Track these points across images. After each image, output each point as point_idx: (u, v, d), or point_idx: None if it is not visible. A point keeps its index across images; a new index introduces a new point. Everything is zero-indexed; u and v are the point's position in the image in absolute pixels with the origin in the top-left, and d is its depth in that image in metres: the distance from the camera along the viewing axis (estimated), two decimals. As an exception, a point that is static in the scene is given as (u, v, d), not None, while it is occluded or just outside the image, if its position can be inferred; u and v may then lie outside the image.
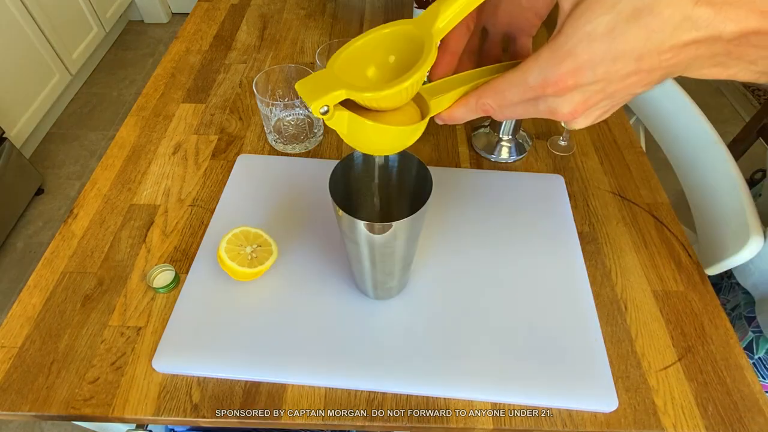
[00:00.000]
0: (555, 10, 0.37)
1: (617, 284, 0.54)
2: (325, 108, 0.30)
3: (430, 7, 0.31)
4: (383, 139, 0.33)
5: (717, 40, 0.22)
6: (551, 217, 0.59)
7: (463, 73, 0.34)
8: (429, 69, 0.30)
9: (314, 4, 0.97)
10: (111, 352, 0.48)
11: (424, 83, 0.33)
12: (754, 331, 0.61)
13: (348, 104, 0.31)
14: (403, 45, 0.31)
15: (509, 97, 0.29)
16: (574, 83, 0.25)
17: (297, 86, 0.30)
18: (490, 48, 0.41)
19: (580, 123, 0.28)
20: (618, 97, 0.26)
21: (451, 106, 0.33)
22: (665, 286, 0.54)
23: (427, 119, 0.32)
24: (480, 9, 0.31)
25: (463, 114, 0.32)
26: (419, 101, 0.33)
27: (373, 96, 0.29)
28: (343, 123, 0.31)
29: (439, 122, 0.34)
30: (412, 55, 0.30)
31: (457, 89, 0.32)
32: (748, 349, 0.62)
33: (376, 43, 0.32)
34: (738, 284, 0.64)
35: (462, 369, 0.46)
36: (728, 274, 0.71)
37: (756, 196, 0.66)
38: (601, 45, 0.23)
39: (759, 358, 0.61)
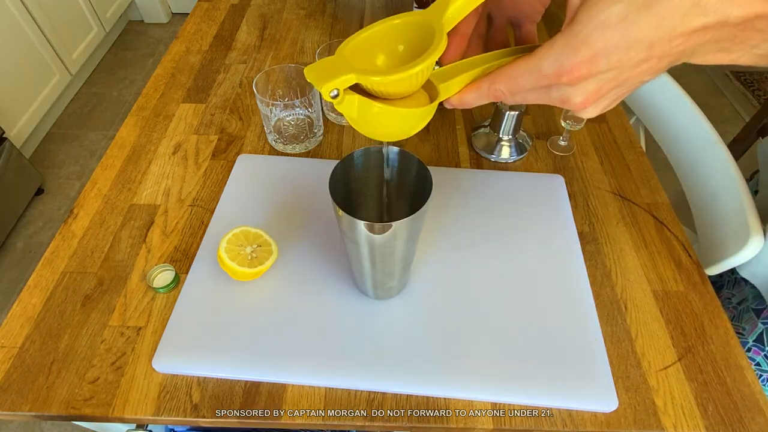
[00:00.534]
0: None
1: (617, 284, 0.54)
2: (335, 91, 0.30)
3: None
4: (392, 122, 0.32)
5: (724, 25, 0.22)
6: (551, 217, 0.59)
7: (471, 57, 0.33)
8: (439, 56, 0.30)
9: (314, 4, 0.97)
10: (111, 352, 0.48)
11: (433, 69, 0.33)
12: (764, 323, 0.61)
13: (357, 92, 0.31)
14: (413, 35, 0.31)
15: (522, 84, 0.29)
16: (589, 72, 0.25)
17: (306, 71, 0.30)
18: (496, 34, 0.41)
19: (590, 112, 0.29)
20: (628, 85, 0.26)
21: (462, 90, 0.33)
22: (665, 286, 0.54)
23: (436, 103, 0.32)
24: None
25: (474, 99, 0.32)
26: (428, 87, 0.33)
27: (382, 80, 0.29)
28: (353, 106, 0.31)
29: (449, 107, 0.34)
30: (421, 44, 0.30)
31: (466, 73, 0.32)
32: (759, 341, 0.62)
33: (385, 33, 0.32)
34: (744, 279, 0.65)
35: (462, 369, 0.46)
36: (731, 269, 0.71)
37: (753, 194, 0.66)
38: (614, 33, 0.24)
39: None
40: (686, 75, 2.16)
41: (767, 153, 0.72)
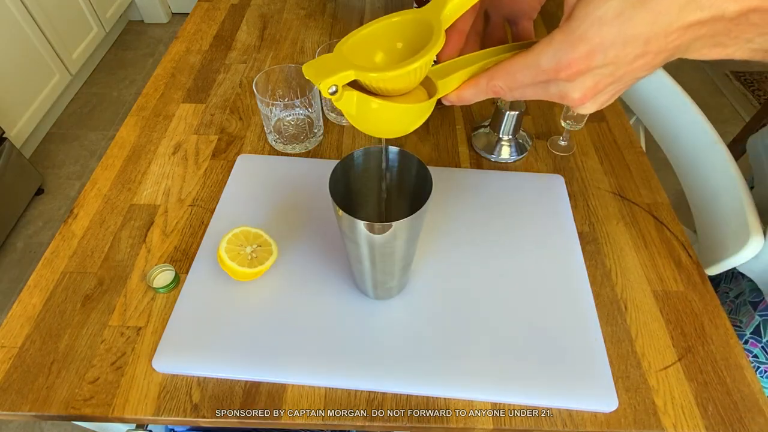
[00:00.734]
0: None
1: (617, 284, 0.54)
2: (334, 88, 0.30)
3: None
4: (390, 118, 0.33)
5: (719, 20, 0.23)
6: (551, 217, 0.59)
7: (469, 54, 0.34)
8: (437, 53, 0.30)
9: (314, 4, 0.97)
10: (111, 352, 0.48)
11: (432, 65, 0.33)
12: (761, 315, 0.62)
13: (356, 89, 0.31)
14: (411, 32, 0.31)
15: (521, 79, 0.29)
16: (586, 67, 0.25)
17: (304, 68, 0.30)
18: (493, 31, 0.41)
19: (589, 108, 0.29)
20: (624, 80, 0.27)
21: (460, 86, 0.33)
22: (665, 286, 0.54)
23: (434, 98, 0.32)
24: None
25: (473, 95, 0.32)
26: (427, 84, 0.33)
27: (380, 76, 0.29)
28: (352, 103, 0.31)
29: (447, 103, 0.34)
30: (419, 41, 0.30)
31: (464, 70, 0.32)
32: (756, 333, 0.62)
33: (383, 31, 0.32)
34: (742, 274, 0.65)
35: (462, 369, 0.46)
36: None
37: (749, 188, 0.66)
38: (611, 29, 0.24)
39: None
40: (685, 74, 2.17)
41: (757, 148, 0.73)
